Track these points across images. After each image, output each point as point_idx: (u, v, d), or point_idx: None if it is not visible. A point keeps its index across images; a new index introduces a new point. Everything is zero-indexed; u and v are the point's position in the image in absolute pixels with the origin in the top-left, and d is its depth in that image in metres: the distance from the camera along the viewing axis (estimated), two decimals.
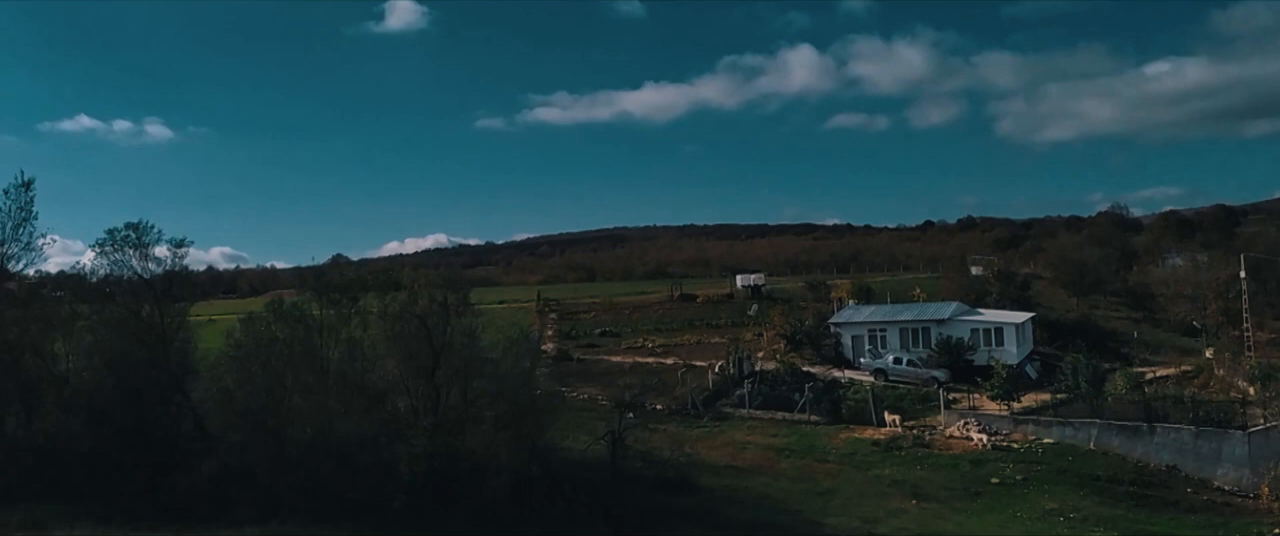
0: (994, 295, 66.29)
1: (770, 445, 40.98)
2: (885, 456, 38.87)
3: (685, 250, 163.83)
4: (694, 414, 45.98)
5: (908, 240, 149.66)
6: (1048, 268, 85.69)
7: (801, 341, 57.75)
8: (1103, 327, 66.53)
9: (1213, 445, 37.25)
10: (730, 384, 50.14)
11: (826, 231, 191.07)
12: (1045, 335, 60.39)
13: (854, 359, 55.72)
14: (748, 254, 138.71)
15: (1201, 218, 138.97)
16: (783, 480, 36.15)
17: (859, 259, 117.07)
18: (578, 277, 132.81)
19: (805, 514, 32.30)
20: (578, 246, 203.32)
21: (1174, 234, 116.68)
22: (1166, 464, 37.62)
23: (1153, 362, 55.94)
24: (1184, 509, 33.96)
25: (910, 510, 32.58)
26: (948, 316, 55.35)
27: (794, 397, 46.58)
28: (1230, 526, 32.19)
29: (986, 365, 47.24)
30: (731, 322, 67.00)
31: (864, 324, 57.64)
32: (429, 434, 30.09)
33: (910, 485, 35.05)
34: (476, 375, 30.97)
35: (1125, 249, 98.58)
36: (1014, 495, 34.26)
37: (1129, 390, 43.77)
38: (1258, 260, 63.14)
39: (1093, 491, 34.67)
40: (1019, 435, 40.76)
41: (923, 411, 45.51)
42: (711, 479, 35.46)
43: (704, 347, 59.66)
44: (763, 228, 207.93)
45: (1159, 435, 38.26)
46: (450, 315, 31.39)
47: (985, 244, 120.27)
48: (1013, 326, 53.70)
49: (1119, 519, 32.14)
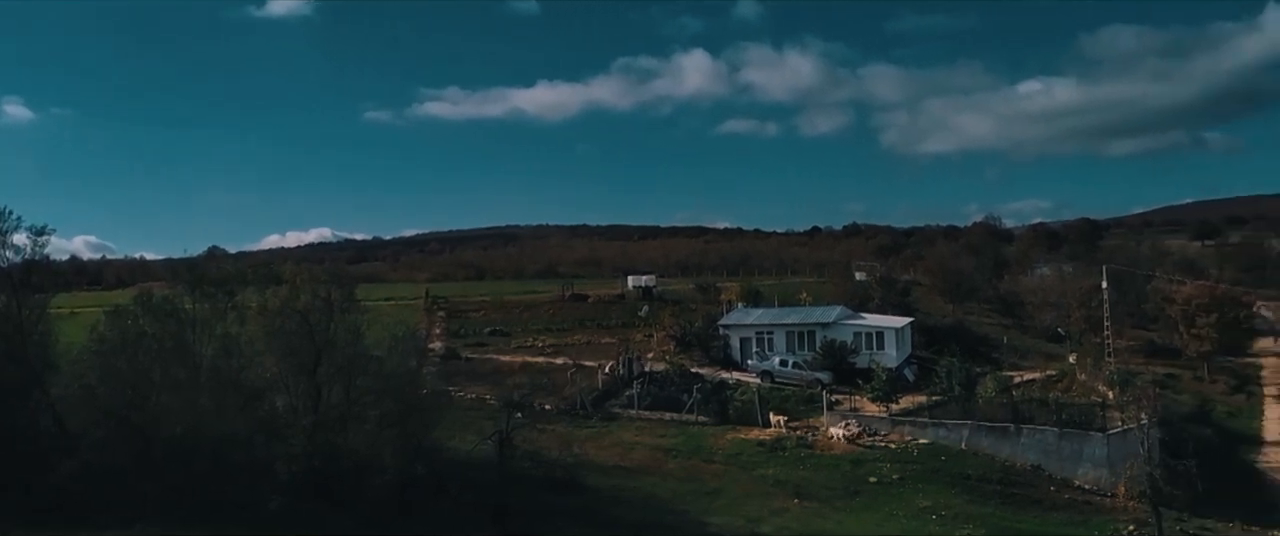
0: (876, 300, 68.39)
1: (658, 445, 41.23)
2: (770, 456, 39.58)
3: (577, 250, 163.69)
4: (583, 414, 45.88)
5: (796, 245, 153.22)
6: (927, 275, 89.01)
7: (691, 343, 58.31)
8: (976, 333, 69.41)
9: (1074, 446, 39.27)
10: (620, 384, 50.24)
11: (717, 234, 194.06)
12: (923, 339, 62.59)
13: (742, 360, 56.52)
14: (640, 255, 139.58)
15: (1068, 230, 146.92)
16: (670, 480, 36.41)
17: (749, 262, 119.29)
18: (468, 276, 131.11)
19: (691, 513, 32.60)
20: (468, 244, 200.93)
21: (1042, 245, 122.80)
22: (1032, 464, 39.45)
23: (1021, 367, 58.63)
24: (1048, 507, 35.68)
25: (792, 509, 33.26)
26: (832, 320, 56.75)
27: (682, 398, 46.98)
28: (1090, 523, 34.00)
29: (868, 368, 48.62)
30: (622, 323, 67.18)
31: (752, 326, 58.58)
32: (309, 433, 29.12)
33: (793, 484, 35.77)
34: (360, 373, 30.15)
35: (998, 258, 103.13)
36: (890, 494, 35.36)
37: (998, 393, 45.68)
38: (1118, 272, 66.97)
39: (964, 490, 36.08)
40: (897, 436, 42.10)
41: (807, 412, 46.50)
42: (599, 479, 35.44)
43: (594, 348, 59.62)
44: (655, 229, 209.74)
45: (1025, 436, 40.09)
46: (334, 312, 30.45)
47: (869, 250, 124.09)
48: (893, 331, 55.45)
49: (988, 516, 33.54)
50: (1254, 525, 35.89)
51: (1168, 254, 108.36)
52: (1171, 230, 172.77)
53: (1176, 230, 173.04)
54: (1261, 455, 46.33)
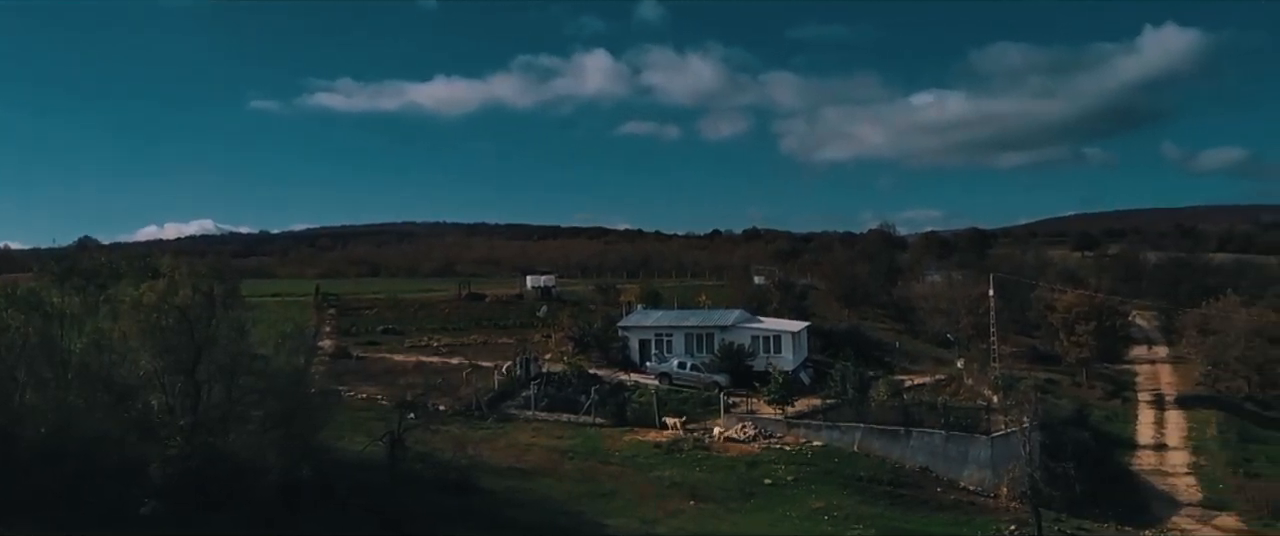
0: (774, 304, 69.34)
1: (555, 447, 40.82)
2: (667, 458, 39.56)
3: (475, 248, 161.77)
4: (479, 415, 45.15)
5: (696, 248, 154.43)
6: (823, 280, 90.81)
7: (590, 344, 58.01)
8: (870, 337, 71.04)
9: (960, 448, 40.42)
10: (517, 385, 49.62)
11: (618, 236, 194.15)
12: (819, 343, 63.69)
13: (640, 362, 56.50)
14: (539, 255, 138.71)
15: (958, 239, 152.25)
16: (566, 481, 36.02)
17: (649, 264, 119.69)
18: (361, 272, 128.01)
19: (587, 515, 32.28)
20: (361, 240, 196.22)
21: (934, 253, 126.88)
22: (920, 465, 40.43)
23: (912, 371, 60.22)
24: (934, 507, 36.60)
25: (688, 510, 33.26)
26: (731, 323, 57.21)
27: (580, 399, 46.68)
28: (974, 523, 35.00)
29: (765, 371, 49.12)
30: (520, 323, 66.47)
31: (651, 328, 58.62)
32: (186, 433, 27.63)
33: (689, 486, 35.81)
34: (244, 372, 28.75)
35: (891, 265, 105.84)
36: (784, 495, 35.72)
37: (890, 396, 46.76)
38: (1004, 280, 69.51)
39: (855, 491, 36.72)
40: (791, 438, 42.61)
41: (704, 414, 46.69)
42: (494, 480, 34.79)
43: (491, 348, 58.80)
44: (555, 229, 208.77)
45: (915, 438, 41.08)
46: (216, 307, 29.01)
47: (768, 255, 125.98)
48: (790, 334, 56.22)
49: (877, 516, 34.19)
50: (1127, 525, 37.55)
51: (1050, 264, 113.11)
52: (1054, 241, 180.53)
53: (1059, 241, 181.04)
54: (1135, 458, 48.59)
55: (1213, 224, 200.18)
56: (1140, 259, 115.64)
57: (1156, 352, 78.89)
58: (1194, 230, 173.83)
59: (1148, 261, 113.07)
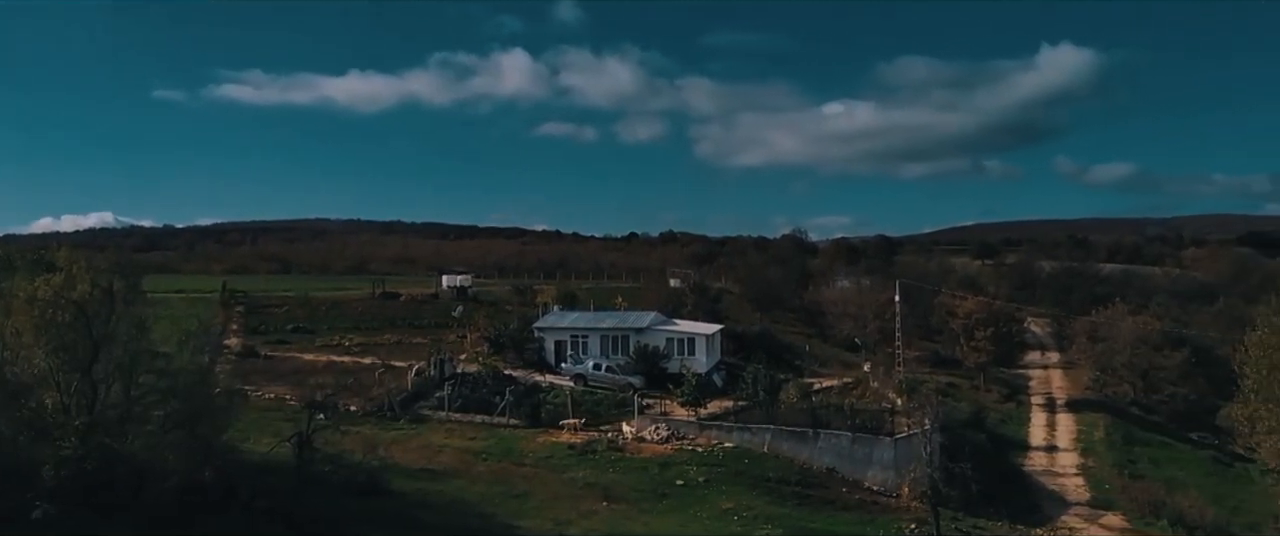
0: (689, 307, 70.12)
1: (468, 448, 40.60)
2: (581, 459, 39.71)
3: (390, 247, 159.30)
4: (391, 416, 44.58)
5: (613, 250, 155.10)
6: (737, 283, 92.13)
7: (505, 344, 57.79)
8: (781, 341, 72.40)
9: (865, 449, 41.57)
10: (430, 385, 49.14)
11: (535, 237, 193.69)
12: (732, 346, 64.66)
13: (556, 363, 56.52)
14: (455, 254, 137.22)
15: (866, 245, 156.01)
16: (479, 483, 35.88)
17: (566, 265, 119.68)
18: (271, 269, 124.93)
19: (499, 516, 32.22)
20: (272, 236, 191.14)
21: (844, 259, 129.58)
22: (827, 466, 41.43)
23: (821, 374, 61.63)
24: (840, 507, 37.60)
25: (601, 511, 33.49)
26: (646, 325, 57.65)
27: (495, 400, 46.51)
28: (876, 522, 36.06)
29: (679, 373, 49.68)
30: (435, 323, 65.82)
31: (567, 329, 58.68)
32: (82, 434, 26.66)
33: (603, 487, 36.03)
34: (144, 370, 27.90)
35: (803, 270, 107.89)
36: (696, 496, 36.24)
37: (800, 399, 47.76)
38: (909, 286, 71.59)
39: (764, 491, 37.46)
40: (703, 439, 43.21)
41: (618, 416, 46.99)
42: (405, 482, 34.45)
43: (405, 348, 58.10)
44: (472, 229, 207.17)
45: (822, 440, 42.07)
46: (116, 303, 28.06)
47: (684, 258, 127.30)
48: (704, 337, 56.96)
49: (785, 516, 34.97)
50: (1020, 524, 39.13)
51: (953, 271, 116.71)
52: (956, 249, 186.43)
53: (961, 249, 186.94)
54: (1027, 459, 50.63)
55: (1103, 235, 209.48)
56: (1035, 268, 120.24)
57: (1049, 358, 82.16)
58: (1085, 241, 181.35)
59: (1042, 270, 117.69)
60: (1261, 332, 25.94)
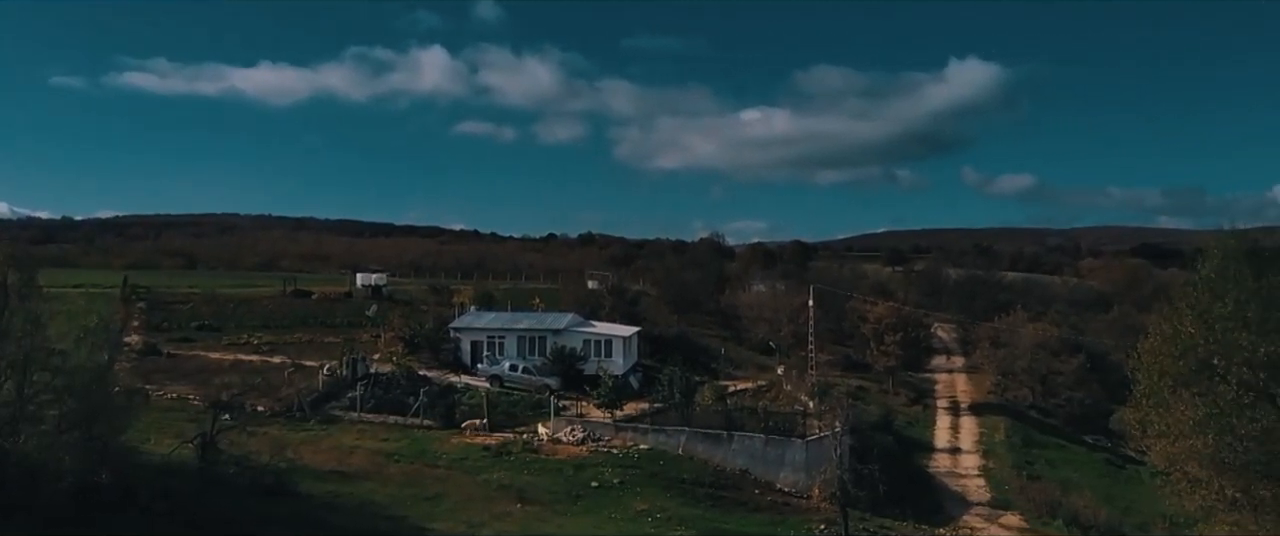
0: (607, 309, 70.19)
1: (380, 449, 39.94)
2: (495, 461, 39.43)
3: (302, 243, 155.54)
4: (300, 416, 43.62)
5: (531, 250, 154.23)
6: (655, 286, 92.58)
7: (420, 345, 57.03)
8: (697, 343, 73.01)
9: (778, 451, 42.25)
10: (342, 386, 48.20)
11: (453, 236, 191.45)
12: (649, 348, 64.99)
13: (472, 364, 56.01)
14: (370, 252, 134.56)
15: (782, 250, 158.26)
16: (390, 485, 35.33)
17: (484, 265, 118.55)
18: (176, 265, 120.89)
19: (410, 519, 31.78)
20: (177, 230, 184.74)
21: (760, 263, 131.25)
22: (741, 467, 41.97)
23: (736, 377, 62.36)
24: (752, 508, 38.13)
25: (515, 513, 33.31)
26: (563, 327, 57.53)
27: (408, 401, 45.85)
28: (787, 523, 36.68)
29: (596, 374, 49.73)
30: (348, 323, 64.60)
31: (484, 330, 58.19)
32: None
33: (517, 489, 35.84)
34: (39, 368, 26.69)
35: (720, 274, 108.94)
36: (610, 497, 36.33)
37: (715, 401, 48.32)
38: (823, 291, 73.02)
39: (678, 493, 37.76)
40: (619, 441, 43.35)
41: (534, 417, 46.79)
42: (314, 484, 33.71)
43: (316, 347, 56.88)
44: (388, 227, 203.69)
45: (736, 442, 42.61)
46: (9, 297, 26.81)
47: (603, 260, 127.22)
48: (621, 339, 57.10)
49: (698, 518, 35.31)
50: (924, 524, 40.26)
51: (864, 277, 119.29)
52: (868, 256, 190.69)
53: (873, 256, 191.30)
54: (932, 460, 52.13)
55: (1006, 244, 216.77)
56: (943, 275, 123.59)
57: (954, 362, 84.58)
58: (990, 250, 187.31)
59: (949, 277, 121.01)
60: (1153, 340, 27.17)
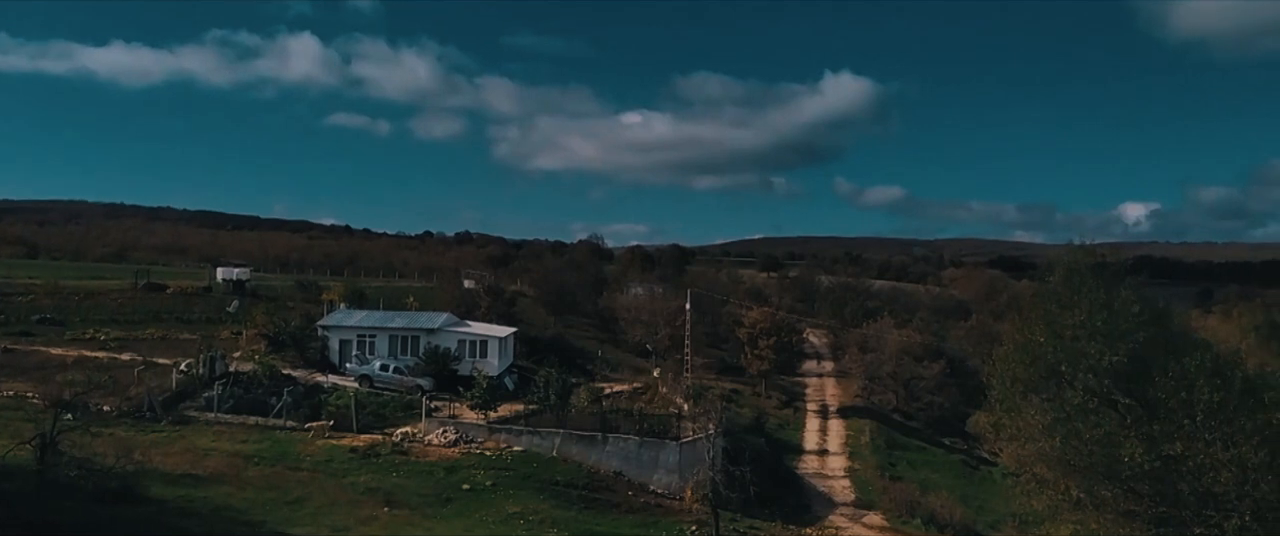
0: (483, 309, 69.23)
1: (238, 452, 38.20)
2: (363, 463, 38.27)
3: (158, 235, 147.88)
4: (151, 417, 41.39)
5: (406, 248, 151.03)
6: (533, 287, 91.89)
7: (285, 343, 54.94)
8: (574, 345, 72.83)
9: (652, 453, 42.49)
10: (198, 385, 45.90)
11: (323, 231, 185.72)
12: (525, 349, 64.41)
13: (340, 364, 54.34)
14: (233, 246, 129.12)
15: (661, 254, 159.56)
16: (248, 489, 33.77)
17: (355, 262, 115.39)
18: (14, 253, 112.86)
19: (270, 524, 30.44)
20: (18, 217, 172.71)
21: (638, 266, 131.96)
22: (615, 470, 42.02)
23: (612, 379, 62.44)
24: (625, 510, 38.17)
25: (382, 517, 32.36)
26: (437, 326, 56.43)
27: (271, 401, 44.09)
28: (660, 524, 36.87)
29: (470, 375, 48.95)
30: (207, 319, 61.69)
31: (354, 328, 56.51)
32: None
33: (385, 492, 34.87)
34: None
35: (598, 276, 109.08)
36: (482, 500, 35.74)
37: (590, 403, 48.24)
38: (700, 295, 73.94)
39: (551, 495, 37.48)
40: (492, 443, 42.76)
41: (405, 418, 45.71)
42: (165, 489, 31.93)
43: (171, 344, 54.07)
44: (253, 220, 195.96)
45: (610, 444, 42.63)
46: None
47: (480, 259, 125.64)
48: (497, 340, 56.39)
49: (571, 520, 35.11)
50: (792, 524, 41.17)
51: (741, 282, 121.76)
52: (745, 261, 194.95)
53: (749, 262, 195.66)
54: (801, 462, 53.39)
55: (875, 253, 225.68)
56: (815, 282, 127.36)
57: (825, 367, 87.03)
58: (860, 258, 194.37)
59: (821, 284, 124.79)
60: (1007, 348, 28.51)
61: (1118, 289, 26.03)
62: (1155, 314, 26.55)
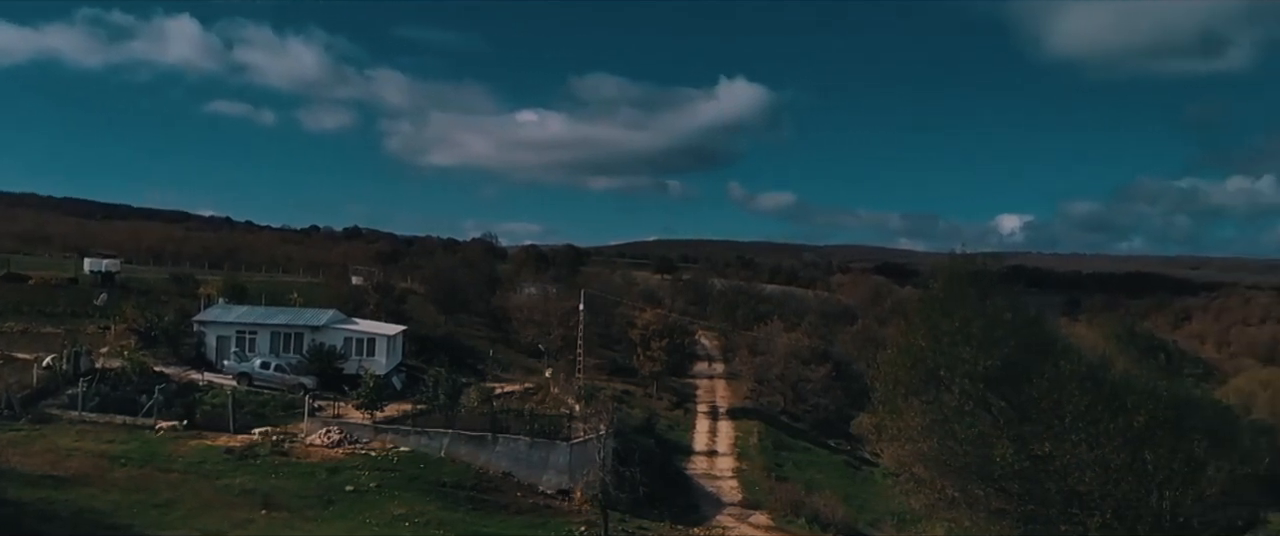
0: (371, 306, 67.60)
1: (104, 452, 36.32)
2: (239, 464, 36.88)
3: (19, 222, 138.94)
4: (9, 415, 39.20)
5: (291, 242, 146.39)
6: (424, 284, 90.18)
7: (158, 339, 52.54)
8: (466, 345, 71.82)
9: (542, 454, 42.21)
10: (62, 382, 43.44)
11: (202, 222, 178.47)
12: (415, 348, 63.16)
13: (218, 361, 52.25)
14: (103, 236, 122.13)
15: (555, 254, 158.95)
16: (114, 491, 32.13)
17: (236, 256, 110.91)
18: None
19: (136, 527, 29.06)
20: None
21: (532, 266, 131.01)
22: (504, 470, 41.56)
23: (504, 379, 61.81)
24: (513, 511, 37.81)
25: (258, 520, 31.23)
26: (323, 323, 54.87)
27: (141, 400, 42.11)
28: (549, 525, 36.66)
29: (357, 374, 47.74)
30: (73, 312, 58.44)
31: (233, 324, 54.44)
32: None
33: (262, 494, 33.66)
34: None
35: (492, 275, 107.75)
36: (366, 502, 34.87)
37: (481, 403, 47.57)
38: (593, 296, 73.85)
39: (438, 497, 36.83)
40: (378, 443, 41.77)
41: (287, 418, 44.30)
42: (23, 490, 30.12)
43: (32, 338, 51.09)
44: (125, 209, 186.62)
45: (500, 445, 42.17)
46: None
47: (369, 255, 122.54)
48: (385, 338, 55.15)
49: (458, 521, 34.59)
50: (680, 524, 41.49)
51: (635, 284, 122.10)
52: (639, 263, 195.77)
53: (643, 263, 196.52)
54: (690, 463, 53.86)
55: (767, 258, 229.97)
56: (708, 285, 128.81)
57: (716, 369, 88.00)
58: (752, 262, 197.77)
59: (714, 287, 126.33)
60: (890, 352, 29.41)
61: (994, 297, 27.10)
62: (1028, 321, 27.79)
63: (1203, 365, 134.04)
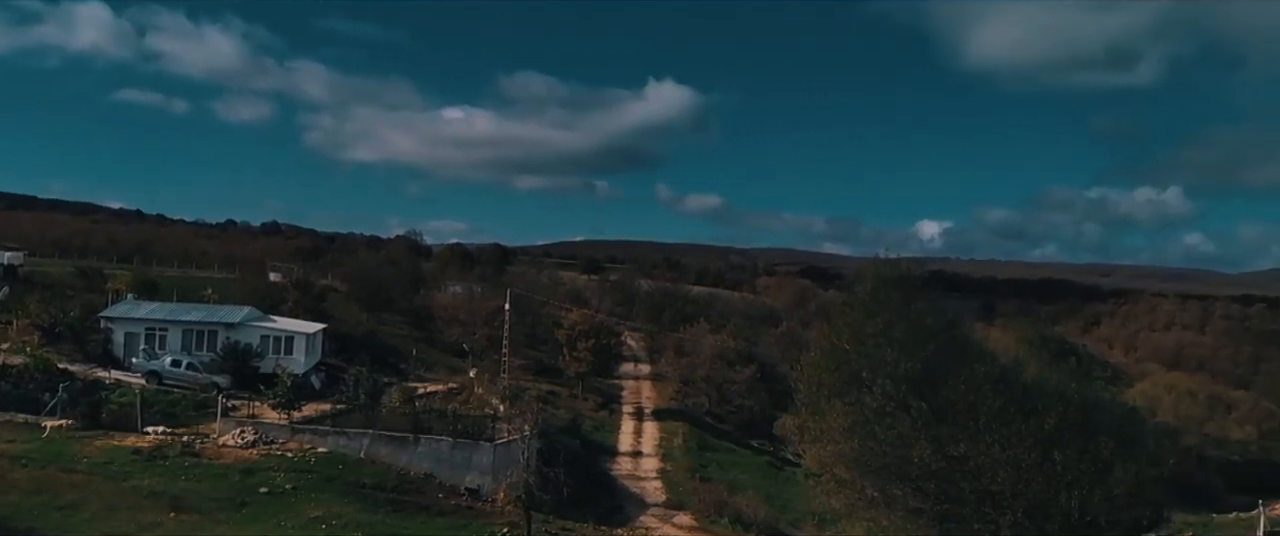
0: (290, 303, 66.02)
1: (3, 452, 34.75)
2: (147, 465, 35.60)
3: None
4: None
5: (205, 237, 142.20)
6: (345, 282, 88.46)
7: (62, 335, 50.46)
8: (388, 344, 70.60)
9: (465, 454, 41.67)
10: None
11: (110, 215, 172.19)
12: (335, 347, 61.85)
13: (126, 359, 50.39)
14: (6, 228, 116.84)
15: (481, 252, 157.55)
16: (13, 493, 30.74)
17: (146, 250, 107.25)
18: None
19: (38, 530, 27.87)
20: None
21: (457, 264, 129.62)
22: (426, 471, 40.90)
23: (427, 379, 60.87)
24: (435, 512, 37.26)
25: (167, 523, 30.21)
26: (238, 321, 53.39)
27: (43, 398, 40.38)
28: (471, 526, 36.23)
29: (274, 373, 46.53)
30: None
31: (143, 321, 52.61)
32: None
33: (171, 496, 32.56)
34: None
35: (416, 273, 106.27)
36: (281, 504, 34.00)
37: (403, 403, 46.79)
38: (519, 296, 73.33)
39: (357, 498, 36.09)
40: (294, 444, 40.75)
41: (198, 418, 42.94)
42: None
43: None
44: (28, 199, 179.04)
45: (422, 445, 41.49)
46: None
47: (288, 251, 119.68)
48: (304, 336, 53.90)
49: (377, 523, 33.94)
50: (604, 525, 41.44)
51: (561, 284, 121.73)
52: (566, 263, 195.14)
53: (570, 263, 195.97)
54: (615, 464, 53.84)
55: (694, 260, 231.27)
56: (635, 286, 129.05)
57: (642, 370, 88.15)
58: (679, 264, 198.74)
59: (641, 288, 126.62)
60: (814, 354, 29.83)
61: (917, 300, 27.66)
62: (947, 324, 28.43)
63: (1111, 369, 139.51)
